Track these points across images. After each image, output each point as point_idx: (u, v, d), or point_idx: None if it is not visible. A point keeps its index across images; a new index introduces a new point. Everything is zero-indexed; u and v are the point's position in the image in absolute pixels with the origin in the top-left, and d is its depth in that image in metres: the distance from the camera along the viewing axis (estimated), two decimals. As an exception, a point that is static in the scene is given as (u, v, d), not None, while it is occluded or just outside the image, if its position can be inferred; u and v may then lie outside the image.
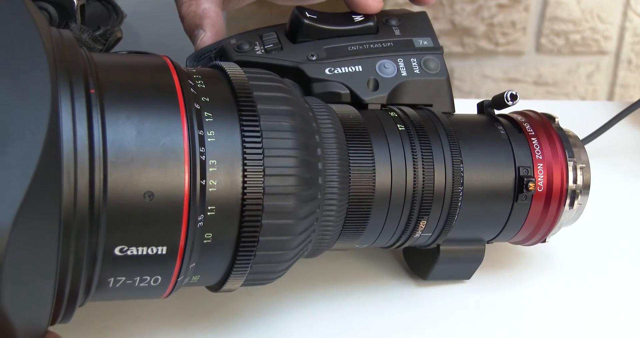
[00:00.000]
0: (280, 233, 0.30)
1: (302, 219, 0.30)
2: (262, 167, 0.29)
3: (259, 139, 0.29)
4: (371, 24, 0.38)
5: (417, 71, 0.37)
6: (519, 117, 0.38)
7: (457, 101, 0.39)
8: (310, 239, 0.32)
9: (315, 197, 0.31)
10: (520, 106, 0.41)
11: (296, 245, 0.31)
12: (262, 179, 0.29)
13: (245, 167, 0.28)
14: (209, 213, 0.28)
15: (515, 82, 0.86)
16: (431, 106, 0.37)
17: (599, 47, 0.85)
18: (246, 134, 0.29)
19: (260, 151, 0.29)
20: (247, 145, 0.29)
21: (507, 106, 0.38)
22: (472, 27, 0.81)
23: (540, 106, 0.43)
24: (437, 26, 0.80)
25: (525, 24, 0.82)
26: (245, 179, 0.28)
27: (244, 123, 0.29)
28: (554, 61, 0.87)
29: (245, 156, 0.28)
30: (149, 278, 0.28)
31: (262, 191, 0.29)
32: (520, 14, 0.81)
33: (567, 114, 0.61)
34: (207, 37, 0.40)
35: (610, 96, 0.88)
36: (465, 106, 0.43)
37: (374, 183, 0.33)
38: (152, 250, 0.27)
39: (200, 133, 0.28)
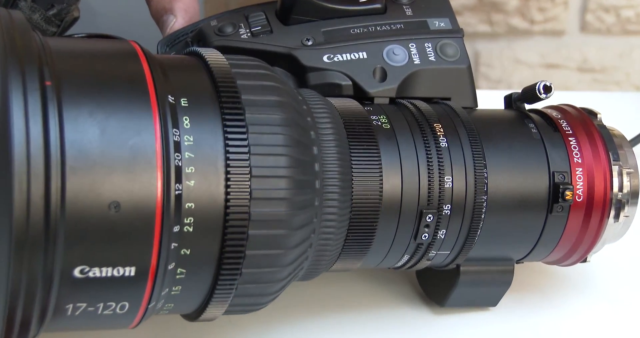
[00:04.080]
0: (271, 246, 0.31)
1: (296, 229, 0.31)
2: (248, 167, 0.30)
3: (244, 135, 0.30)
4: (378, 4, 0.39)
5: (432, 58, 0.38)
6: (554, 113, 0.39)
7: (484, 93, 0.40)
8: (307, 255, 0.33)
9: (312, 204, 0.32)
10: (561, 97, 0.41)
11: (290, 261, 0.32)
12: (249, 181, 0.30)
13: (229, 168, 0.29)
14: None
15: (555, 68, 0.87)
16: (449, 99, 0.39)
17: (657, 25, 0.85)
18: (229, 128, 0.30)
19: (245, 148, 0.30)
20: (230, 141, 0.30)
21: (540, 99, 0.39)
22: (503, 2, 0.82)
23: (585, 98, 0.44)
24: (459, 0, 0.81)
25: (566, -2, 0.83)
26: (229, 182, 0.29)
27: (227, 116, 0.30)
28: (602, 43, 0.87)
29: (228, 155, 0.29)
30: (114, 304, 0.29)
31: (248, 195, 0.30)
32: (560, -15, 0.82)
33: (619, 107, 0.62)
34: (178, 24, 0.41)
35: (670, 85, 0.89)
36: (493, 99, 0.44)
37: (381, 190, 0.34)
38: (118, 271, 0.28)
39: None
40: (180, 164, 0.29)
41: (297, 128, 0.31)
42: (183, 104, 0.30)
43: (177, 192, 0.29)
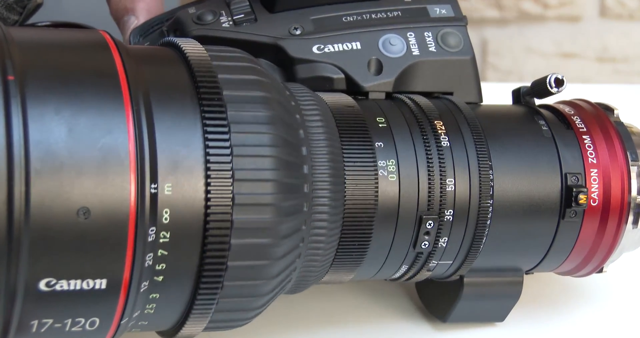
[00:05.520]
0: (256, 257, 0.31)
1: (283, 238, 0.32)
2: (231, 170, 0.30)
3: (226, 134, 0.30)
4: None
5: (432, 49, 0.39)
6: (567, 109, 0.40)
7: (492, 85, 0.40)
8: (295, 266, 0.34)
9: (300, 210, 0.32)
10: (577, 90, 0.41)
11: (276, 273, 0.32)
12: (231, 185, 0.30)
13: (209, 171, 0.30)
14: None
15: (571, 58, 0.87)
16: (451, 94, 0.39)
17: (684, 10, 0.86)
18: (209, 128, 0.30)
19: (227, 149, 0.30)
20: (210, 142, 0.30)
21: (552, 93, 0.39)
22: (513, -16, 0.83)
23: (605, 91, 0.44)
24: (465, -17, 0.82)
25: (583, -20, 0.84)
26: (209, 186, 0.30)
27: (206, 114, 0.30)
28: (623, 29, 0.88)
29: (208, 157, 0.30)
30: (83, 320, 0.30)
31: (230, 201, 0.30)
32: (576, -34, 0.83)
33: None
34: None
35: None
36: (502, 92, 0.44)
37: (377, 193, 0.35)
38: (87, 284, 0.29)
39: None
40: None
41: (285, 126, 0.32)
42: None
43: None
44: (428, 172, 0.36)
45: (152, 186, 0.29)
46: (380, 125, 0.36)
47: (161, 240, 0.30)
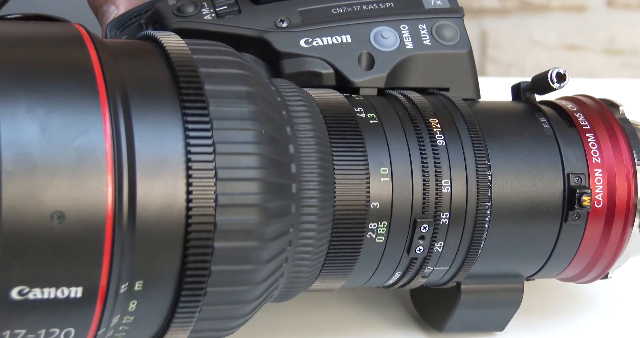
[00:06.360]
0: (241, 261, 0.32)
1: (270, 241, 0.32)
2: (214, 168, 0.31)
3: (208, 132, 0.31)
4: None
5: (427, 42, 0.39)
6: (570, 105, 0.40)
7: (492, 80, 0.40)
8: (282, 271, 0.34)
9: (288, 211, 0.33)
10: (582, 85, 0.41)
11: (262, 278, 0.33)
12: (214, 185, 0.31)
13: (190, 170, 0.30)
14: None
15: (576, 50, 0.88)
16: (447, 90, 0.40)
17: (696, -1, 0.86)
18: (190, 124, 0.31)
19: (210, 146, 0.31)
20: (191, 139, 0.30)
21: (553, 89, 0.40)
22: (513, -27, 0.83)
23: (612, 85, 0.44)
24: (462, -29, 0.82)
25: (589, -32, 0.84)
26: (191, 186, 0.30)
27: (187, 110, 0.31)
28: (632, 20, 0.88)
29: (189, 155, 0.30)
30: (58, 330, 0.30)
31: (213, 201, 0.31)
32: (581, -48, 0.83)
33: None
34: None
35: None
36: (503, 87, 0.44)
37: (368, 195, 0.35)
38: (62, 292, 0.29)
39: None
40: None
41: (270, 123, 0.32)
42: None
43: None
44: (423, 173, 0.36)
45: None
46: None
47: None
